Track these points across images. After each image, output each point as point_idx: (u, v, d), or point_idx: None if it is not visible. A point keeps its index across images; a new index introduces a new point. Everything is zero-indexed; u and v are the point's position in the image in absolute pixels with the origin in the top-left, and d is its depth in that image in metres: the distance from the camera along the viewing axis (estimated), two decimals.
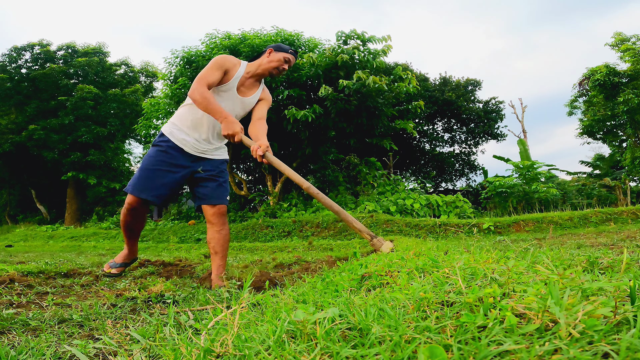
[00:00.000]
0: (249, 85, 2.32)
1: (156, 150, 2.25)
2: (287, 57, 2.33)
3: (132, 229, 2.39)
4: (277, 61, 2.29)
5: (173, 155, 2.23)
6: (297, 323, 0.76)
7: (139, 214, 2.30)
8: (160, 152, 2.23)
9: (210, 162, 2.33)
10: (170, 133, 2.26)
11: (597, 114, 14.57)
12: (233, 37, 10.63)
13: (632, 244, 3.25)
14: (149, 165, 2.21)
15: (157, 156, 2.23)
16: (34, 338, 1.16)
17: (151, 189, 2.19)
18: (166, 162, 2.22)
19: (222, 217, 2.28)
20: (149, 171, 2.20)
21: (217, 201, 2.27)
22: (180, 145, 2.24)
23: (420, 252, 2.07)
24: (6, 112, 18.16)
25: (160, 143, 2.26)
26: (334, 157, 10.54)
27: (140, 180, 2.20)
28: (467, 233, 6.57)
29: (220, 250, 2.23)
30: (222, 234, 2.26)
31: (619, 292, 0.77)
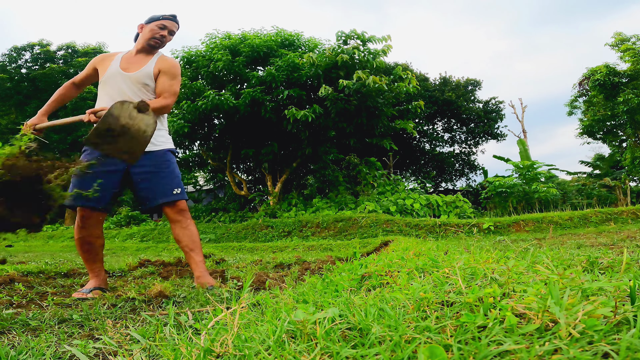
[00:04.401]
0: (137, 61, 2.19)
1: (85, 155, 2.06)
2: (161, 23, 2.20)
3: (92, 246, 2.07)
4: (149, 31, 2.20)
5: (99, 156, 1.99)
6: (297, 323, 0.76)
7: (92, 226, 2.05)
8: (88, 154, 2.04)
9: (146, 157, 2.07)
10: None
11: (597, 114, 14.58)
12: (233, 37, 10.64)
13: (632, 244, 3.25)
14: (77, 171, 1.92)
15: (86, 159, 2.01)
16: (34, 338, 1.16)
17: (87, 194, 1.93)
18: (98, 164, 1.97)
19: (180, 213, 2.11)
20: (83, 177, 1.94)
21: (171, 197, 2.09)
22: None
23: (420, 252, 2.07)
24: (6, 112, 18.18)
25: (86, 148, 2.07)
26: (334, 157, 10.55)
27: (74, 188, 1.95)
28: (467, 233, 6.57)
29: (195, 246, 2.11)
30: (190, 230, 2.12)
31: (619, 292, 0.77)
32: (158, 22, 2.21)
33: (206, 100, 9.09)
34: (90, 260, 2.09)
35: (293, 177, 12.63)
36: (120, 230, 11.21)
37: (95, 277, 2.09)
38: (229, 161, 11.61)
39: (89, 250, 2.07)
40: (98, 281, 2.09)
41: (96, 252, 2.10)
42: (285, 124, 9.19)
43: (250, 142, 10.88)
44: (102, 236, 2.14)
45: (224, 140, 11.51)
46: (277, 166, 11.53)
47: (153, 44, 2.20)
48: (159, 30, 2.20)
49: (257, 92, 9.19)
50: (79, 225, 2.03)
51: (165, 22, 2.21)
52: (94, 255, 2.10)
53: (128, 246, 8.62)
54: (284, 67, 9.56)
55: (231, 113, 9.57)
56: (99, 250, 2.11)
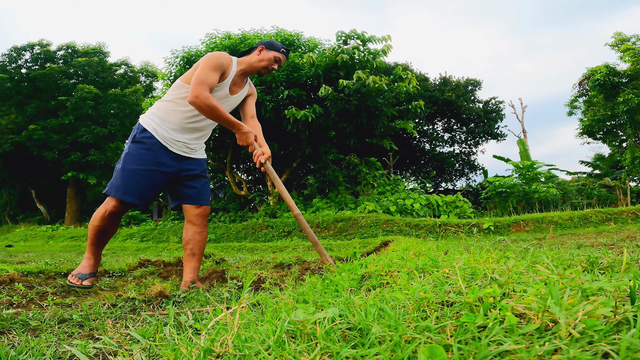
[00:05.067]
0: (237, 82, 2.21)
1: (139, 148, 2.04)
2: (278, 56, 2.21)
3: (105, 235, 2.13)
4: (267, 60, 2.18)
5: (158, 154, 2.05)
6: (297, 323, 0.76)
7: (117, 218, 2.10)
8: (145, 150, 2.03)
9: (194, 161, 2.20)
10: (154, 129, 2.06)
11: (597, 114, 14.57)
12: (233, 37, 10.64)
13: (632, 244, 3.25)
14: (133, 165, 2.01)
15: (141, 155, 2.03)
16: (34, 338, 1.16)
17: (137, 191, 2.01)
18: (152, 161, 2.03)
19: (205, 218, 2.18)
20: (134, 172, 2.01)
21: (203, 202, 2.18)
22: (164, 144, 2.07)
23: (420, 252, 2.07)
24: (6, 112, 18.17)
25: (143, 139, 2.05)
26: (334, 157, 10.54)
27: (124, 182, 2.00)
28: (467, 233, 6.57)
29: (199, 252, 2.16)
30: (203, 236, 2.17)
31: (619, 292, 0.77)
32: (278, 53, 2.23)
33: None
34: (96, 244, 2.14)
35: (293, 177, 12.62)
36: (120, 230, 11.21)
37: (94, 259, 2.15)
38: (229, 161, 11.61)
39: (100, 237, 2.12)
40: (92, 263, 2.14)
41: (106, 239, 2.18)
42: (285, 124, 9.19)
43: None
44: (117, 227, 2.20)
45: (223, 140, 11.51)
46: (277, 166, 11.53)
47: (263, 73, 2.24)
48: (274, 63, 2.23)
49: (257, 92, 9.19)
50: (106, 216, 2.05)
51: (281, 56, 2.25)
52: (103, 242, 2.16)
53: (128, 246, 8.62)
54: (284, 67, 9.56)
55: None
56: (109, 237, 2.19)
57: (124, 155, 2.07)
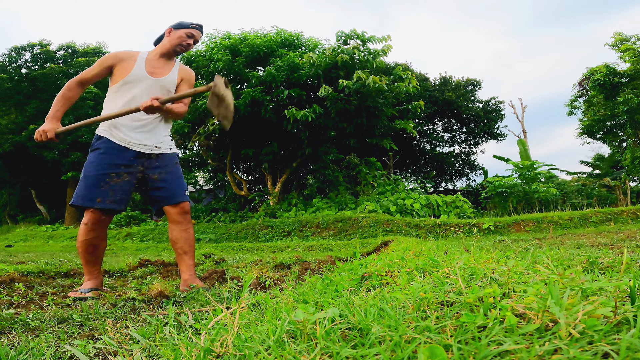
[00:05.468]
0: (161, 65, 2.22)
1: (96, 155, 2.04)
2: (190, 32, 2.23)
3: (96, 249, 2.08)
4: (177, 38, 2.21)
5: (116, 156, 2.04)
6: (297, 323, 0.76)
7: (101, 229, 2.06)
8: (101, 154, 2.03)
9: (161, 157, 2.16)
10: (110, 134, 2.08)
11: (597, 114, 14.57)
12: (233, 37, 10.64)
13: (632, 244, 3.25)
14: (93, 171, 2.01)
15: (100, 160, 2.03)
16: (34, 338, 1.16)
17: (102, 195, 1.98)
18: (111, 164, 2.02)
19: (186, 215, 2.16)
20: (95, 177, 1.99)
21: (179, 199, 2.15)
22: (121, 144, 2.06)
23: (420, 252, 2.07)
24: (6, 112, 18.18)
25: (99, 146, 2.06)
26: (334, 157, 10.54)
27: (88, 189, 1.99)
28: (467, 233, 6.57)
29: (189, 249, 2.15)
30: (189, 233, 2.16)
31: (619, 292, 0.77)
32: (187, 29, 2.24)
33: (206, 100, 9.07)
34: (91, 262, 2.09)
35: (293, 177, 12.62)
36: (120, 230, 11.21)
37: (94, 279, 2.10)
38: (229, 161, 11.61)
39: (93, 252, 2.08)
40: (95, 282, 2.09)
41: (99, 254, 2.12)
42: (285, 124, 9.19)
43: (250, 142, 10.89)
44: (106, 239, 2.16)
45: (224, 140, 11.51)
46: (277, 166, 11.53)
47: (179, 50, 2.24)
48: (187, 39, 2.24)
49: (257, 92, 9.19)
50: (90, 228, 2.02)
51: (194, 31, 2.26)
52: (96, 258, 2.11)
53: (128, 246, 8.62)
54: (284, 67, 9.56)
55: None
56: (101, 253, 2.13)
57: (85, 165, 2.08)
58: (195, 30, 2.26)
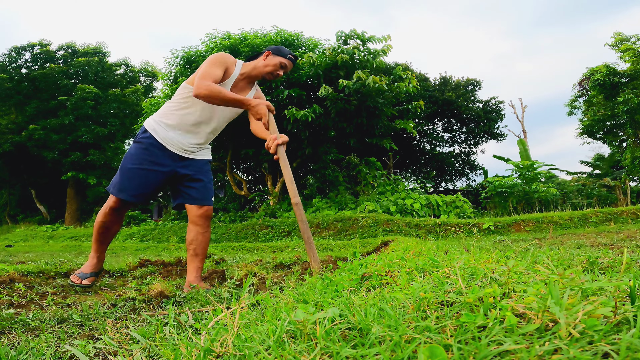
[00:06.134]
0: (242, 86, 2.20)
1: (137, 148, 2.11)
2: (284, 62, 2.21)
3: (108, 231, 2.19)
4: (272, 66, 2.18)
5: (155, 154, 2.09)
6: (297, 323, 0.76)
7: (118, 215, 2.16)
8: (142, 149, 2.09)
9: (195, 162, 2.21)
10: (153, 130, 2.11)
11: (597, 114, 14.57)
12: (233, 37, 10.64)
13: (632, 244, 3.25)
14: (129, 164, 2.08)
15: (139, 154, 2.09)
16: (34, 338, 1.16)
17: (131, 188, 2.07)
18: (147, 161, 2.08)
19: (208, 219, 2.20)
20: (130, 170, 2.07)
21: (205, 202, 2.19)
22: (163, 144, 2.10)
23: (420, 252, 2.07)
24: (6, 112, 18.18)
25: (142, 140, 2.11)
26: (334, 157, 10.54)
27: (121, 180, 2.08)
28: (467, 233, 6.58)
29: (202, 252, 2.18)
30: (206, 237, 2.19)
31: (619, 292, 0.77)
32: (284, 59, 2.21)
33: None
34: (100, 241, 2.22)
35: (293, 177, 12.62)
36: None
37: (97, 258, 2.23)
38: (229, 161, 11.61)
39: (105, 233, 2.20)
40: (95, 262, 2.21)
41: (110, 236, 2.24)
42: (285, 123, 9.19)
43: (250, 142, 10.89)
44: (121, 223, 2.25)
45: (223, 140, 11.51)
46: (277, 166, 11.53)
47: (268, 79, 2.22)
48: (280, 69, 2.21)
49: None
50: (108, 212, 2.13)
51: (288, 62, 2.22)
52: (106, 239, 2.24)
53: (128, 246, 8.62)
54: None
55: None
56: (113, 234, 2.25)
57: (125, 155, 2.16)
58: (290, 61, 2.24)
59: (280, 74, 2.22)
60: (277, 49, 2.23)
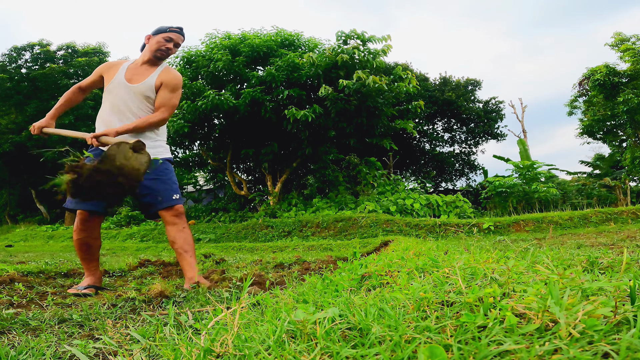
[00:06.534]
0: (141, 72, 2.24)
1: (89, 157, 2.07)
2: (168, 36, 2.25)
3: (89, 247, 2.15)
4: (156, 43, 2.23)
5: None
6: (297, 323, 0.76)
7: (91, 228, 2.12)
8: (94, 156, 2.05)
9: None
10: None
11: (597, 114, 14.57)
12: (233, 37, 10.64)
13: (632, 244, 3.25)
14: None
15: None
16: (34, 338, 1.16)
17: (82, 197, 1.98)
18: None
19: (181, 216, 2.19)
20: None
21: (167, 203, 2.16)
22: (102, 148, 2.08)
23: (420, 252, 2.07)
24: (6, 112, 18.17)
25: (90, 151, 2.11)
26: (334, 157, 10.54)
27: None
28: (467, 233, 6.58)
29: (189, 248, 2.19)
30: (186, 233, 2.19)
31: (619, 292, 0.77)
32: (165, 34, 2.25)
33: (206, 100, 9.09)
34: (87, 259, 2.18)
35: (293, 177, 12.63)
36: (120, 230, 11.21)
37: (91, 275, 2.18)
38: (229, 161, 11.61)
39: (87, 250, 2.16)
40: (93, 279, 2.17)
41: (93, 252, 2.19)
42: (285, 124, 9.19)
43: (250, 142, 10.89)
44: (100, 237, 2.22)
45: (224, 140, 11.51)
46: (277, 166, 11.53)
47: (159, 56, 2.25)
48: (165, 43, 2.24)
49: (257, 92, 9.19)
50: (79, 227, 2.11)
51: (172, 35, 2.26)
52: (91, 255, 2.18)
53: (128, 246, 8.62)
54: (284, 67, 9.56)
55: (231, 113, 9.57)
56: (96, 250, 2.20)
57: None
58: (174, 33, 2.26)
59: (170, 46, 2.25)
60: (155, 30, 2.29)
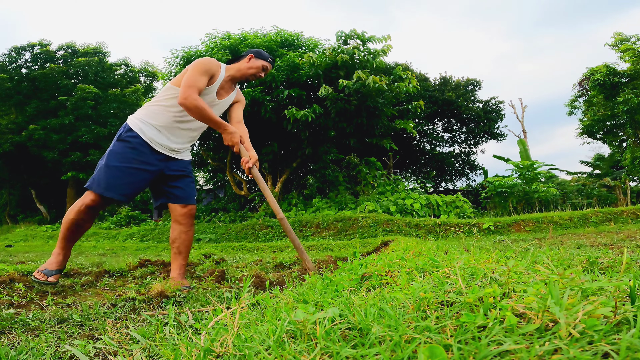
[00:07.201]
0: (227, 88, 2.31)
1: (124, 146, 2.09)
2: (266, 65, 2.35)
3: (79, 229, 2.14)
4: (255, 68, 2.31)
5: (142, 153, 2.10)
6: (297, 323, 0.76)
7: (94, 213, 2.12)
8: (129, 148, 2.08)
9: (179, 162, 2.25)
10: (140, 129, 2.11)
11: (597, 114, 14.57)
12: (233, 37, 10.64)
13: (632, 244, 3.25)
14: (116, 162, 2.06)
15: (126, 153, 2.08)
16: (34, 338, 1.16)
17: (119, 187, 2.05)
18: (136, 160, 2.08)
19: (191, 218, 2.24)
20: (117, 169, 2.05)
21: (189, 201, 2.24)
22: (150, 144, 2.12)
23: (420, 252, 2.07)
24: (6, 112, 18.17)
25: (128, 138, 2.10)
26: (334, 157, 10.54)
27: (107, 178, 2.04)
28: (467, 233, 6.57)
29: (185, 250, 2.21)
30: (189, 235, 2.23)
31: (619, 292, 0.77)
32: (266, 62, 2.36)
33: None
34: (69, 239, 2.16)
35: (293, 177, 12.62)
36: (120, 230, 11.21)
37: (63, 255, 2.16)
38: (229, 161, 11.61)
39: (75, 231, 2.14)
40: (60, 259, 2.15)
41: (79, 235, 2.19)
42: (285, 124, 9.19)
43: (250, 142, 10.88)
44: (93, 221, 2.22)
45: None
46: (277, 166, 11.53)
47: (250, 79, 2.37)
48: (261, 71, 2.36)
49: (257, 92, 9.19)
50: (83, 209, 2.07)
51: (268, 65, 2.38)
52: (76, 236, 2.18)
53: (128, 246, 8.62)
54: (284, 67, 9.56)
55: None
56: (83, 232, 2.20)
57: (108, 152, 2.11)
58: (270, 64, 2.39)
59: (262, 75, 2.37)
60: (258, 53, 2.36)
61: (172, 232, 2.22)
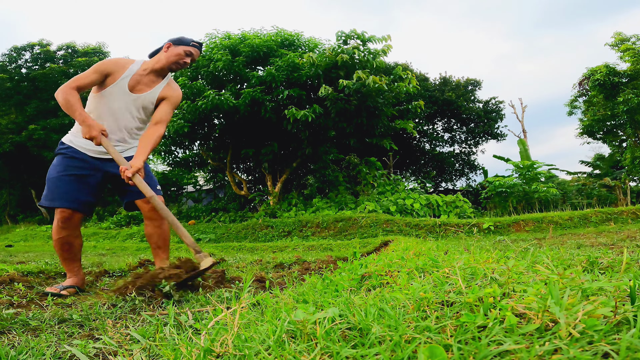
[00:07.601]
0: (147, 82, 2.17)
1: (60, 158, 2.11)
2: (189, 50, 2.20)
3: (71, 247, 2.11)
4: (176, 55, 2.17)
5: (79, 160, 2.10)
6: (297, 323, 0.76)
7: (73, 227, 2.09)
8: (66, 158, 2.10)
9: (129, 159, 2.16)
10: (69, 141, 2.14)
11: (597, 114, 14.56)
12: (233, 37, 10.64)
13: (632, 244, 3.25)
14: (55, 173, 2.07)
15: (63, 162, 2.09)
16: (34, 338, 1.16)
17: (64, 195, 2.03)
18: (73, 167, 2.08)
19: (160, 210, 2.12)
20: (56, 179, 2.05)
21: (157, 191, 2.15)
22: (82, 151, 2.11)
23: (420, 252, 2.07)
24: (6, 112, 18.16)
25: (62, 151, 2.12)
26: (334, 157, 10.54)
27: (50, 189, 2.05)
28: (467, 233, 6.57)
29: (163, 244, 2.19)
30: (163, 229, 2.18)
31: (619, 292, 0.77)
32: (187, 47, 2.20)
33: (206, 100, 9.09)
34: (69, 259, 2.13)
35: (293, 177, 12.63)
36: (120, 230, 11.21)
37: (74, 276, 2.14)
38: (229, 161, 11.61)
39: (68, 250, 2.12)
40: (76, 280, 2.13)
41: (75, 252, 2.15)
42: (285, 124, 9.19)
43: (250, 142, 10.88)
44: (81, 236, 2.19)
45: (224, 140, 11.50)
46: (277, 166, 11.53)
47: (174, 68, 2.21)
48: (184, 57, 2.20)
49: (257, 92, 9.19)
50: (60, 226, 2.07)
51: (193, 50, 2.22)
52: (73, 255, 2.14)
53: (128, 246, 8.61)
54: (284, 67, 9.56)
55: (231, 113, 9.57)
56: (78, 250, 2.16)
57: (49, 168, 2.13)
58: (195, 48, 2.23)
59: (187, 61, 2.21)
60: (178, 39, 2.22)
61: (145, 229, 2.18)
